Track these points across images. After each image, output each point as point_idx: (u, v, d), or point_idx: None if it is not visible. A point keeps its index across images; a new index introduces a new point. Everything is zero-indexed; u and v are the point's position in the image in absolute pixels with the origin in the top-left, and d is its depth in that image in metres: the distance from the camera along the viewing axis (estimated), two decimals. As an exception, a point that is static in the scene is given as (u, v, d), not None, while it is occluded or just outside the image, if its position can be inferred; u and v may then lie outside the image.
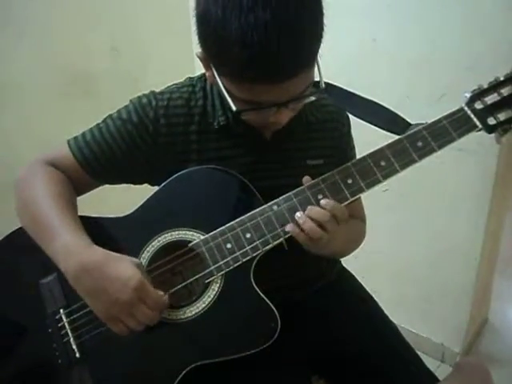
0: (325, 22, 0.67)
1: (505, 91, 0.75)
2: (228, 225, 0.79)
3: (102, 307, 0.72)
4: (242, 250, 0.78)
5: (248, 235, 0.78)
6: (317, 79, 0.74)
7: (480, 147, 1.40)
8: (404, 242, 1.75)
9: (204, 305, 0.78)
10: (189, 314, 0.78)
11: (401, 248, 1.76)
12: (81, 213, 0.84)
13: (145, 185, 0.90)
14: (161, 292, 0.74)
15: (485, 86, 0.77)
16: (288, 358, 0.88)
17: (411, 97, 1.51)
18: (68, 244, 0.74)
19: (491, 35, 1.31)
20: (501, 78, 0.76)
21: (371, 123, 0.84)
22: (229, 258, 0.78)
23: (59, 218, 0.77)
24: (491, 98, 0.76)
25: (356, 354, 0.92)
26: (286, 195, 0.79)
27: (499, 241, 1.84)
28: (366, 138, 0.96)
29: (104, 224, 0.84)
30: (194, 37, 0.70)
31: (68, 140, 0.86)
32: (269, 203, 0.79)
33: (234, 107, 0.71)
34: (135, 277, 0.71)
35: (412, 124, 0.82)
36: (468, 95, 0.77)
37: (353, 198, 0.78)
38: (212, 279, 0.78)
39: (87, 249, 0.74)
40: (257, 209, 0.79)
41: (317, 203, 0.77)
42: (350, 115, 0.93)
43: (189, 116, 0.84)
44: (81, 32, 1.65)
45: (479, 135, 0.79)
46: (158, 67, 1.86)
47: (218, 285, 0.78)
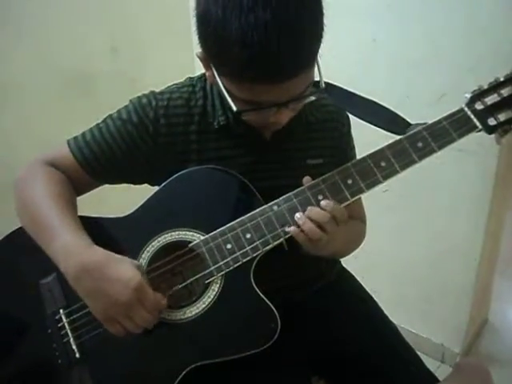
0: (325, 22, 0.67)
1: (505, 92, 0.75)
2: (228, 225, 0.79)
3: (101, 308, 0.72)
4: (242, 251, 0.78)
5: (248, 235, 0.78)
6: (317, 79, 0.74)
7: (480, 148, 1.40)
8: (404, 243, 1.75)
9: (204, 305, 0.78)
10: (189, 315, 0.78)
11: (401, 248, 1.76)
12: (81, 213, 0.84)
13: (145, 185, 0.90)
14: (159, 295, 0.74)
15: (485, 87, 0.77)
16: (288, 359, 0.87)
17: (411, 97, 1.51)
18: (68, 244, 0.74)
19: (492, 35, 1.31)
20: (501, 79, 0.76)
21: (371, 123, 0.84)
22: (229, 259, 0.78)
23: (59, 218, 0.77)
24: (491, 99, 0.76)
25: (356, 354, 0.92)
26: (286, 195, 0.79)
27: (499, 241, 1.84)
28: (366, 138, 0.96)
29: (104, 224, 0.84)
30: (194, 37, 0.70)
31: (68, 140, 0.86)
32: (269, 203, 0.79)
33: (235, 107, 0.71)
34: (135, 278, 0.71)
35: (412, 124, 0.82)
36: (468, 96, 0.77)
37: (353, 199, 0.78)
38: (212, 279, 0.78)
39: (87, 249, 0.74)
40: (257, 209, 0.79)
41: (317, 204, 0.77)
42: (350, 115, 0.93)
43: (189, 116, 0.84)
44: (80, 32, 1.65)
45: (479, 136, 0.79)
46: (158, 67, 1.86)
47: (218, 285, 0.78)
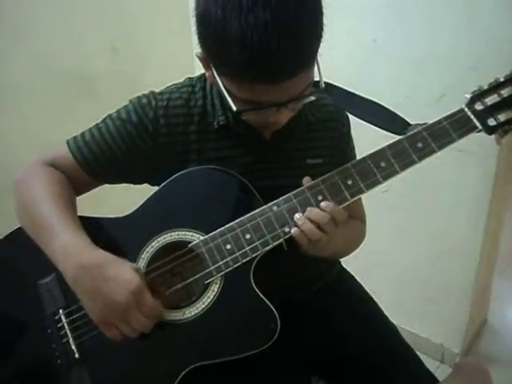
0: (324, 22, 0.67)
1: (505, 92, 0.75)
2: (228, 225, 0.78)
3: (98, 309, 0.72)
4: (242, 251, 0.78)
5: (248, 236, 0.78)
6: (317, 79, 0.74)
7: (480, 148, 1.40)
8: (404, 243, 1.75)
9: (204, 305, 0.78)
10: (188, 315, 0.78)
11: (400, 248, 1.76)
12: (80, 213, 0.84)
13: (144, 185, 0.90)
14: (157, 301, 0.74)
15: (485, 87, 0.77)
16: (288, 359, 0.87)
17: (411, 97, 1.51)
18: (67, 244, 0.74)
19: (493, 35, 1.31)
20: (501, 79, 0.76)
21: (371, 123, 0.84)
22: (228, 259, 0.78)
23: (58, 219, 0.77)
24: (491, 99, 0.76)
25: (356, 355, 0.92)
26: (286, 196, 0.79)
27: (499, 241, 1.84)
28: (366, 138, 0.96)
29: (103, 224, 0.84)
30: (194, 37, 0.70)
31: (67, 140, 0.86)
32: (269, 204, 0.79)
33: (235, 107, 0.71)
34: (134, 280, 0.71)
35: (411, 124, 0.82)
36: (468, 96, 0.77)
37: (353, 199, 0.78)
38: (211, 280, 0.78)
39: (87, 249, 0.74)
40: (256, 209, 0.79)
41: (317, 204, 0.77)
42: (350, 115, 0.93)
43: (188, 116, 0.84)
44: (80, 32, 1.65)
45: (479, 136, 0.79)
46: (158, 67, 1.86)
47: (218, 285, 0.78)
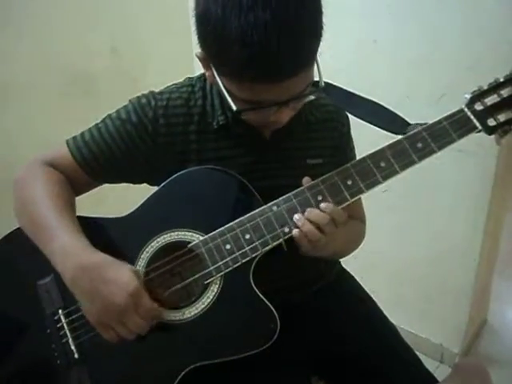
0: (324, 22, 0.67)
1: (504, 92, 0.75)
2: (227, 225, 0.78)
3: (96, 310, 0.72)
4: (242, 251, 0.77)
5: (247, 236, 0.78)
6: (317, 79, 0.74)
7: (480, 148, 1.40)
8: (403, 243, 1.75)
9: (203, 306, 0.78)
10: (188, 315, 0.78)
11: (400, 248, 1.76)
12: (79, 213, 0.84)
13: (144, 185, 0.90)
14: (155, 303, 0.74)
15: (485, 87, 0.77)
16: (288, 359, 0.87)
17: (411, 97, 1.51)
18: (66, 245, 0.74)
19: (491, 35, 1.31)
20: (500, 79, 0.76)
21: (371, 123, 0.84)
22: (228, 259, 0.78)
23: (57, 219, 0.77)
24: (491, 99, 0.76)
25: (355, 355, 0.92)
26: (286, 196, 0.79)
27: (498, 242, 1.84)
28: (366, 138, 0.96)
29: (103, 224, 0.84)
30: (194, 37, 0.70)
31: (67, 140, 0.86)
32: (268, 204, 0.79)
33: (235, 107, 0.71)
34: (132, 283, 0.71)
35: (411, 124, 0.82)
36: (468, 96, 0.77)
37: (352, 199, 0.78)
38: (211, 280, 0.78)
39: (85, 251, 0.74)
40: (256, 209, 0.79)
41: (316, 204, 0.77)
42: (350, 115, 0.93)
43: (188, 116, 0.84)
44: (81, 32, 1.65)
45: (479, 136, 0.78)
46: (158, 67, 1.86)
47: (218, 286, 0.78)
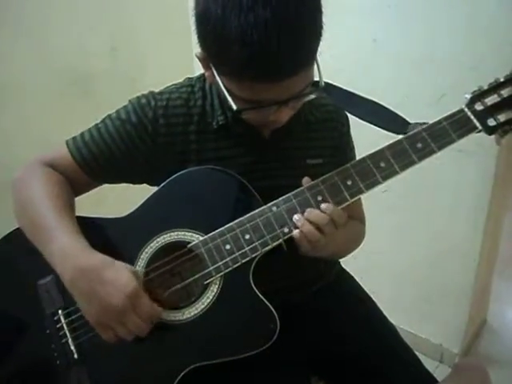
0: (324, 21, 0.67)
1: (505, 92, 0.75)
2: (227, 226, 0.78)
3: (94, 312, 0.71)
4: (241, 251, 0.77)
5: (247, 236, 0.78)
6: (317, 79, 0.74)
7: (480, 148, 1.40)
8: (403, 243, 1.75)
9: (203, 306, 0.78)
10: (188, 316, 0.78)
11: (400, 249, 1.76)
12: (79, 213, 0.84)
13: (144, 185, 0.90)
14: (154, 304, 0.74)
15: (485, 88, 0.77)
16: (288, 359, 0.87)
17: (411, 97, 1.51)
18: (65, 247, 0.73)
19: (494, 36, 1.31)
20: (501, 80, 0.76)
21: (371, 123, 0.84)
22: (228, 259, 0.78)
23: (56, 220, 0.76)
24: (491, 100, 0.76)
25: (355, 355, 0.92)
26: (286, 196, 0.79)
27: (498, 242, 1.84)
28: (366, 138, 0.96)
29: (102, 225, 0.84)
30: (194, 37, 0.70)
31: (66, 140, 0.86)
32: (268, 204, 0.79)
33: (235, 106, 0.70)
34: (131, 284, 0.70)
35: (411, 123, 0.82)
36: (468, 96, 0.77)
37: (352, 200, 0.78)
38: (211, 280, 0.78)
39: (84, 252, 0.73)
40: (256, 210, 0.79)
41: (316, 204, 0.77)
42: (350, 115, 0.93)
43: (188, 116, 0.84)
44: (80, 32, 1.65)
45: (479, 136, 0.78)
46: (158, 67, 1.86)
47: (217, 286, 0.78)
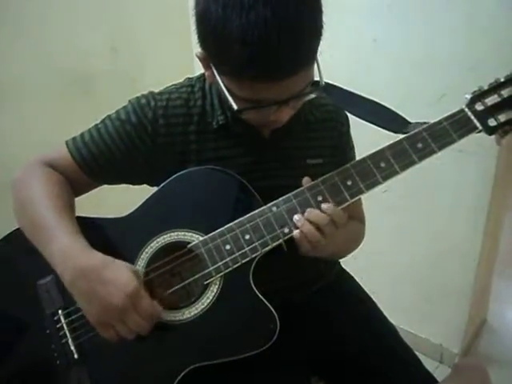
0: (324, 21, 0.67)
1: (505, 92, 0.75)
2: (227, 226, 0.78)
3: (96, 311, 0.71)
4: (241, 251, 0.77)
5: (247, 236, 0.78)
6: (317, 79, 0.74)
7: (480, 148, 1.40)
8: (403, 243, 1.75)
9: (203, 306, 0.77)
10: (188, 316, 0.77)
11: (400, 249, 1.76)
12: (79, 213, 0.84)
13: (144, 185, 0.90)
14: (155, 302, 0.73)
15: (485, 88, 0.77)
16: (288, 359, 0.87)
17: (411, 97, 1.50)
18: (65, 247, 0.73)
19: (493, 36, 1.31)
20: (501, 80, 0.76)
21: (371, 122, 0.84)
22: (228, 259, 0.77)
23: (56, 220, 0.76)
24: (492, 100, 0.76)
25: (355, 355, 0.92)
26: (286, 196, 0.79)
27: (498, 242, 1.85)
28: (367, 138, 0.96)
29: (102, 225, 0.84)
30: (194, 37, 0.70)
31: (66, 141, 0.86)
32: (268, 204, 0.79)
33: (235, 106, 0.70)
34: (131, 283, 0.70)
35: (412, 123, 0.82)
36: (468, 96, 0.77)
37: (352, 200, 0.78)
38: (211, 280, 0.78)
39: (84, 252, 0.73)
40: (256, 210, 0.79)
41: (316, 205, 0.77)
42: (350, 115, 0.93)
43: (188, 116, 0.84)
44: (80, 32, 1.65)
45: (479, 136, 0.78)
46: (158, 67, 1.86)
47: (217, 286, 0.78)
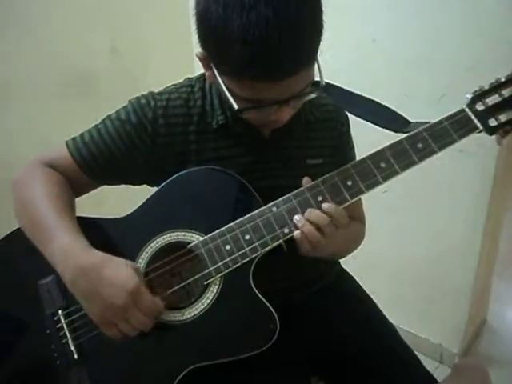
0: (324, 21, 0.67)
1: (506, 92, 0.75)
2: (227, 226, 0.78)
3: (97, 310, 0.71)
4: (241, 252, 0.77)
5: (247, 237, 0.78)
6: (317, 79, 0.74)
7: (480, 148, 1.40)
8: (403, 243, 1.75)
9: (203, 306, 0.77)
10: (188, 316, 0.77)
11: (399, 249, 1.76)
12: (80, 213, 0.84)
13: (144, 185, 0.90)
14: (157, 299, 0.73)
15: (486, 87, 0.76)
16: (287, 360, 0.87)
17: (411, 97, 1.51)
18: (65, 246, 0.73)
19: (491, 35, 1.31)
20: (502, 79, 0.75)
21: (372, 122, 0.84)
22: (228, 260, 0.77)
23: (57, 220, 0.76)
24: (492, 99, 0.75)
25: (355, 355, 0.92)
26: (286, 196, 0.79)
27: (497, 242, 1.84)
28: (367, 138, 0.96)
29: (102, 225, 0.84)
30: (194, 37, 0.70)
31: (66, 141, 0.86)
32: (268, 204, 0.79)
33: (236, 105, 0.70)
34: (132, 281, 0.70)
35: (412, 122, 0.82)
36: (469, 96, 0.77)
37: (353, 200, 0.78)
38: (211, 281, 0.78)
39: (85, 251, 0.73)
40: (256, 210, 0.79)
41: (316, 205, 0.77)
42: (350, 115, 0.93)
43: (188, 116, 0.84)
44: (81, 32, 1.65)
45: (480, 136, 0.78)
46: (158, 67, 1.86)
47: (217, 286, 0.78)
